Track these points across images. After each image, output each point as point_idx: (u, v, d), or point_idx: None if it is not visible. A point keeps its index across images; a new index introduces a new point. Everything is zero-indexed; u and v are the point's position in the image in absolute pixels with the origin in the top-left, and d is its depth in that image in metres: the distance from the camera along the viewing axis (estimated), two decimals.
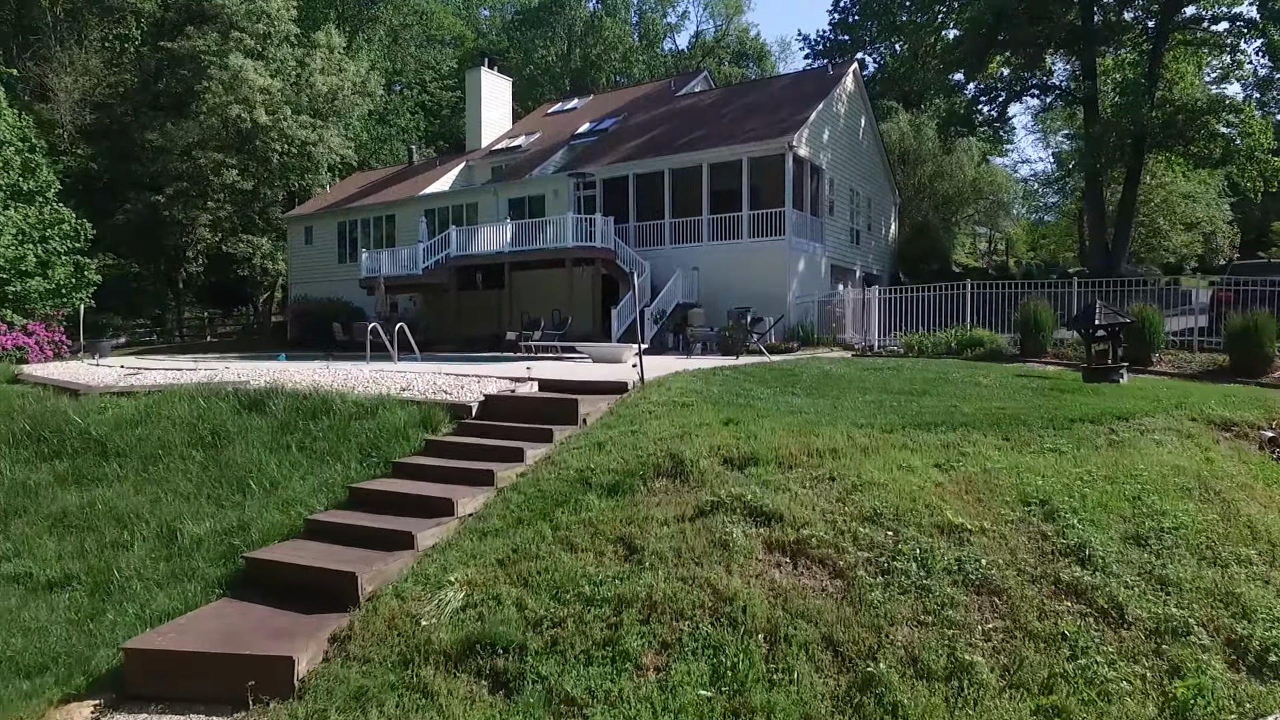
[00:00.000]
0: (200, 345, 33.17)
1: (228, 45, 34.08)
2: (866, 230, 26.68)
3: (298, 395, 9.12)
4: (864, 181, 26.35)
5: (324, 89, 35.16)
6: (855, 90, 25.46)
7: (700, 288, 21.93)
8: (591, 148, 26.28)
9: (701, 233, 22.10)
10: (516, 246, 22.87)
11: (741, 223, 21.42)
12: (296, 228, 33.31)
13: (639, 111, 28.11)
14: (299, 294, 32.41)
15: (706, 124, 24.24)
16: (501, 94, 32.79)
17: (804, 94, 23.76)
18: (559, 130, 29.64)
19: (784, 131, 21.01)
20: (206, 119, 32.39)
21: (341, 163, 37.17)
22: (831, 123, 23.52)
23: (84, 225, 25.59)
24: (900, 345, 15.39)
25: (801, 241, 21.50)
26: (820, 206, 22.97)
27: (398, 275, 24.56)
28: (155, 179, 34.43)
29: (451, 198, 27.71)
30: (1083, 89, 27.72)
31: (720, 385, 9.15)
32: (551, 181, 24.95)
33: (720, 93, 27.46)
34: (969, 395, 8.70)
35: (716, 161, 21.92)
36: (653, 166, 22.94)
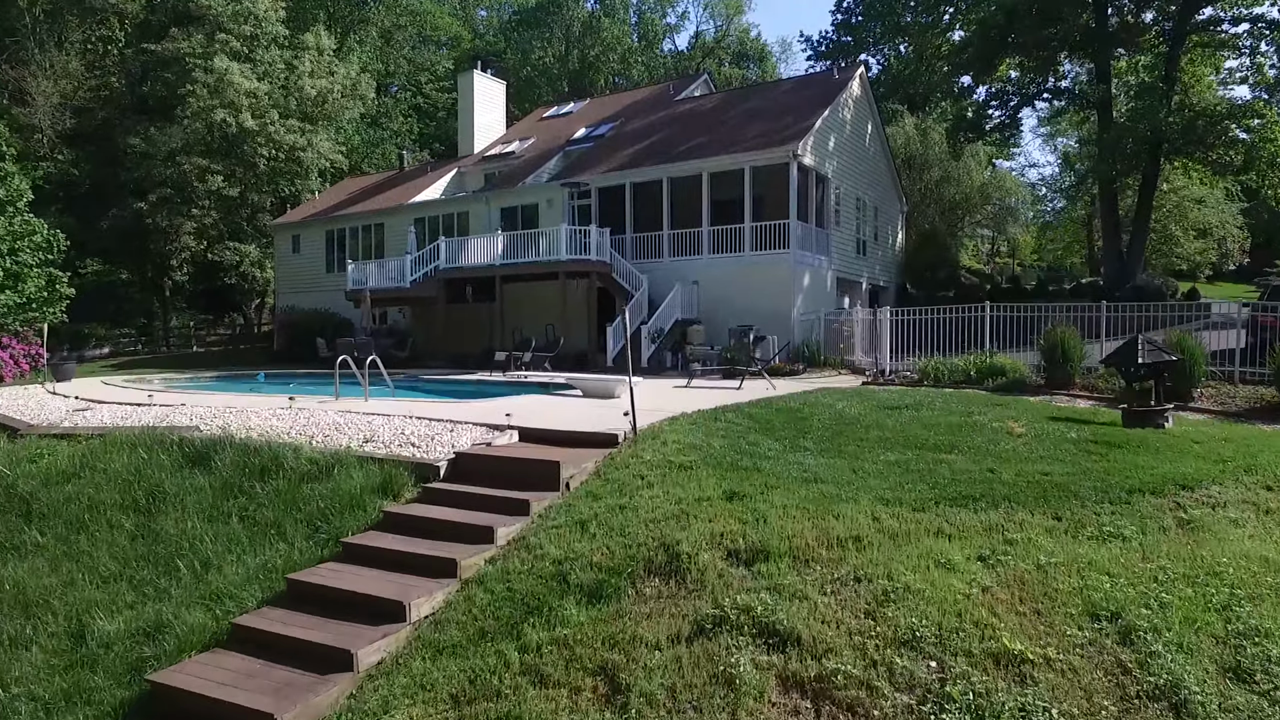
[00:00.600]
0: (185, 357, 32.15)
1: (213, 47, 33.08)
2: (873, 239, 25.67)
3: (247, 449, 8.10)
4: (870, 189, 25.34)
5: (313, 92, 34.14)
6: (861, 94, 24.45)
7: (700, 303, 20.92)
8: (587, 154, 25.26)
9: (702, 245, 21.09)
10: (508, 259, 21.86)
11: (743, 235, 20.40)
12: (284, 236, 32.29)
13: (636, 116, 27.10)
14: (286, 304, 31.42)
15: (707, 130, 23.22)
16: (495, 98, 31.78)
17: (808, 99, 22.74)
18: (554, 135, 28.63)
19: (788, 139, 20.00)
20: (190, 124, 31.38)
21: (332, 168, 36.16)
22: (837, 129, 22.51)
23: (56, 236, 24.61)
24: (915, 371, 14.38)
25: (806, 255, 20.49)
26: (826, 217, 21.96)
27: (385, 288, 23.56)
28: (139, 185, 33.42)
29: (442, 206, 26.70)
30: (1096, 93, 26.71)
31: (722, 438, 8.14)
32: (545, 190, 23.94)
33: (721, 97, 26.46)
34: (1004, 453, 7.67)
35: (717, 170, 20.91)
36: (650, 175, 21.93)
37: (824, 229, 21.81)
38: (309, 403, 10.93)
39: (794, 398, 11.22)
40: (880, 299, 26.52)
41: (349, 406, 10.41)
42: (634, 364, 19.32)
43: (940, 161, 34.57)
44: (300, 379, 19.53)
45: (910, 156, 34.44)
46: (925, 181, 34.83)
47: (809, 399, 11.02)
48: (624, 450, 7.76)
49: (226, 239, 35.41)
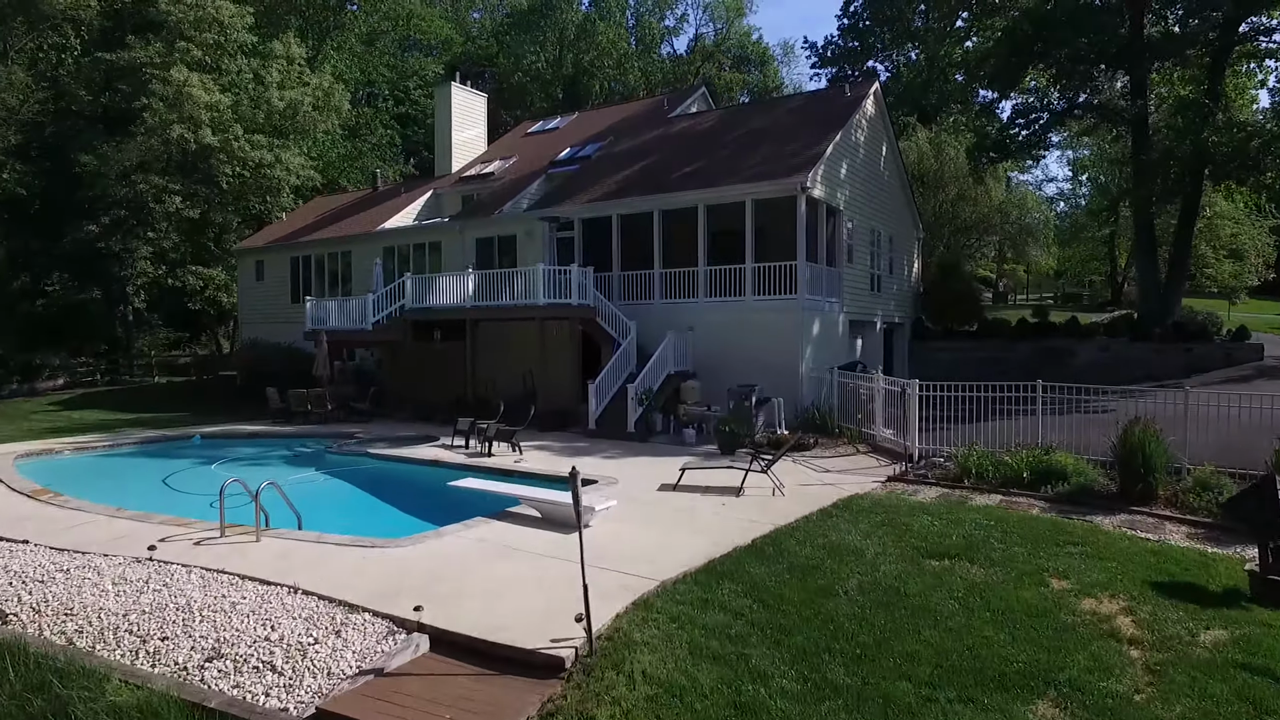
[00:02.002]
0: (140, 393, 29.68)
1: (172, 57, 30.64)
2: (888, 273, 23.21)
3: (32, 674, 5.65)
4: (886, 218, 22.89)
5: (281, 104, 31.71)
6: (876, 113, 21.99)
7: (696, 353, 18.49)
8: (571, 179, 22.82)
9: (698, 287, 18.65)
10: (480, 301, 19.42)
11: (744, 277, 17.96)
12: (247, 262, 29.89)
13: (627, 135, 24.65)
14: (250, 336, 29.01)
15: (704, 154, 20.77)
16: (475, 111, 29.34)
17: (817, 119, 20.29)
18: (537, 155, 26.19)
19: (795, 169, 17.55)
20: (145, 140, 28.94)
21: (306, 186, 33.72)
22: (850, 154, 20.06)
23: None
24: (951, 461, 11.94)
25: (816, 300, 18.05)
26: (837, 255, 19.51)
27: (345, 330, 21.14)
28: (92, 206, 31.02)
29: (412, 235, 24.27)
30: (1132, 109, 24.25)
31: (713, 663, 5.67)
32: (523, 220, 21.50)
33: (720, 115, 24.00)
34: (1128, 713, 5.21)
35: (716, 203, 18.47)
36: (640, 207, 19.49)
37: (835, 268, 19.37)
38: (181, 546, 8.47)
39: (810, 531, 8.76)
40: (895, 337, 24.08)
41: (226, 559, 7.94)
42: (618, 430, 16.92)
43: (956, 179, 32.17)
44: (239, 444, 17.15)
45: (923, 173, 32.02)
46: (939, 201, 32.44)
47: (829, 536, 8.56)
48: (572, 694, 5.30)
49: (189, 263, 32.97)
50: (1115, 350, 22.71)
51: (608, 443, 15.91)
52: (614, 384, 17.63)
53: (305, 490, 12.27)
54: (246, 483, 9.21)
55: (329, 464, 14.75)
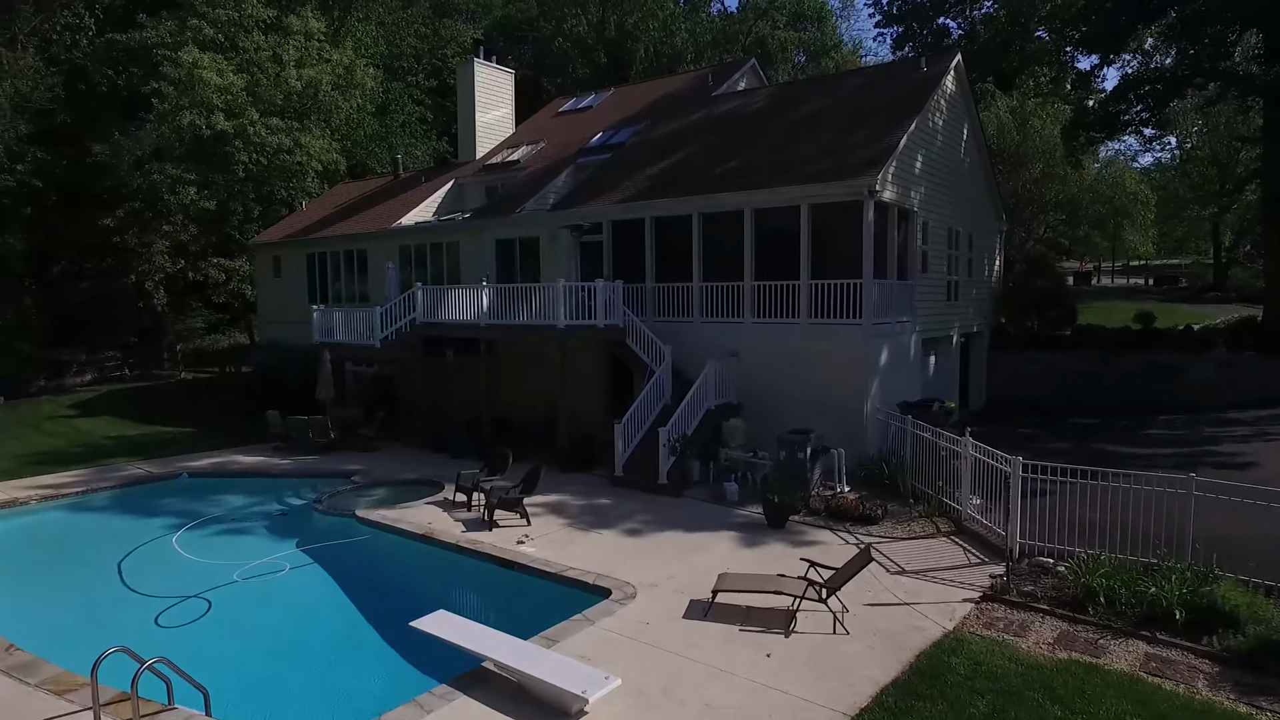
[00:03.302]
0: (164, 393, 28.55)
1: (184, 36, 28.75)
2: (967, 276, 20.08)
3: None
4: (965, 213, 19.68)
5: (299, 85, 29.61)
6: (957, 90, 18.70)
7: (741, 383, 15.93)
8: (602, 171, 20.19)
9: (743, 305, 16.00)
10: (496, 319, 17.13)
11: (799, 295, 15.24)
12: (264, 256, 28.19)
13: (666, 117, 21.81)
14: (269, 336, 27.46)
15: (753, 143, 17.90)
16: (501, 90, 26.76)
17: (887, 100, 17.17)
18: (567, 139, 23.58)
19: (861, 167, 14.62)
20: (156, 127, 27.24)
21: (329, 169, 31.74)
22: (926, 142, 16.95)
23: None
24: (1069, 571, 9.23)
25: (884, 324, 15.23)
26: (910, 265, 16.57)
27: (352, 344, 19.15)
28: (111, 197, 29.66)
29: (428, 234, 22.04)
30: (1268, 75, 20.31)
31: None
32: (547, 221, 19.03)
33: (772, 94, 20.87)
34: None
35: (765, 206, 15.70)
36: (677, 209, 16.82)
37: (908, 280, 16.45)
38: None
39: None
40: (971, 348, 21.01)
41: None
42: (649, 478, 14.55)
43: (1042, 155, 28.39)
44: (225, 487, 15.37)
45: (1003, 149, 28.33)
46: (1022, 180, 28.74)
47: None
48: None
49: (211, 254, 31.49)
50: (1239, 366, 19.30)
51: (635, 498, 13.57)
52: (646, 418, 15.24)
53: (262, 591, 10.29)
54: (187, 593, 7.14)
55: (310, 530, 12.78)
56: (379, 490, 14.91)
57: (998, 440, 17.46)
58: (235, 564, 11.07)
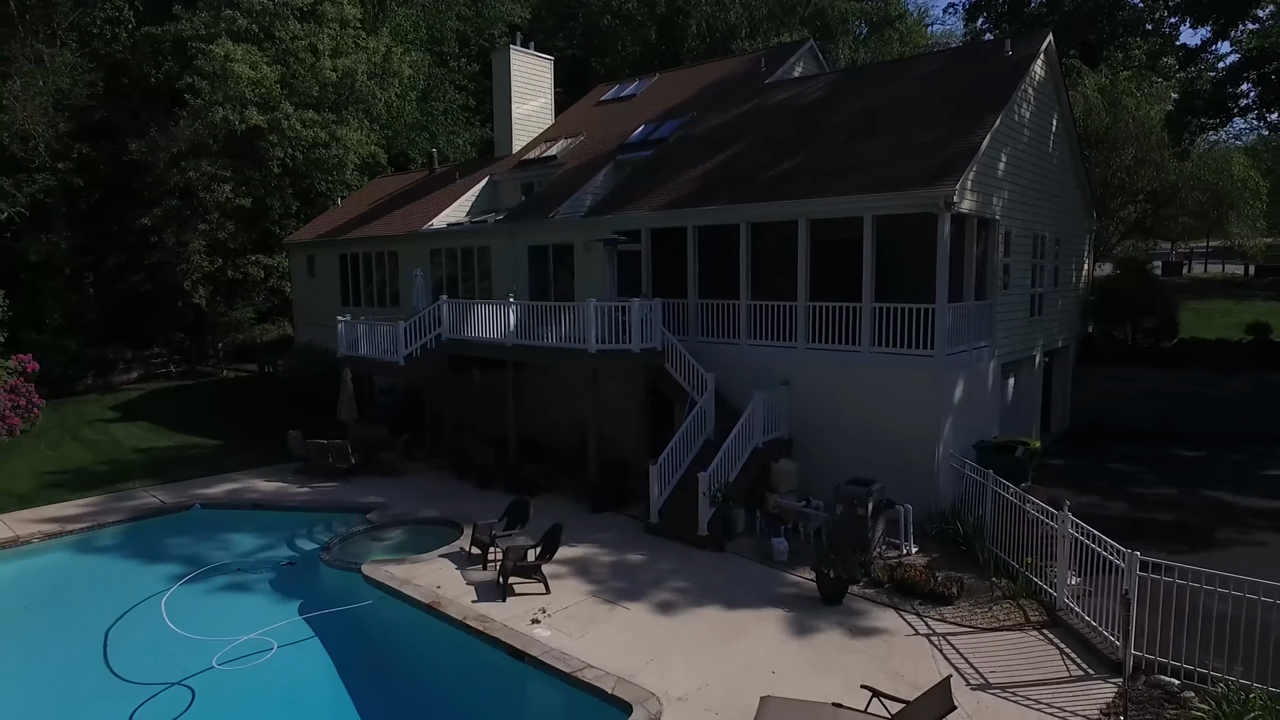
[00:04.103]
0: (203, 394, 28.20)
1: (218, 28, 27.94)
2: (1052, 286, 17.79)
3: None
4: (1052, 215, 17.37)
5: (333, 75, 28.56)
6: (1047, 76, 16.34)
7: (793, 416, 14.22)
8: (643, 169, 18.49)
9: (796, 328, 14.22)
10: (523, 339, 15.73)
11: (860, 320, 13.39)
12: (299, 255, 27.41)
13: (714, 108, 19.92)
14: (305, 338, 26.72)
15: (809, 140, 15.95)
16: (539, 78, 25.15)
17: (965, 91, 15.00)
18: (608, 132, 21.90)
19: (937, 173, 12.62)
20: (189, 123, 26.55)
21: (367, 160, 30.75)
22: (1011, 138, 14.75)
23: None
24: (1198, 698, 7.39)
25: (960, 352, 13.28)
26: (989, 282, 14.50)
27: (375, 360, 18.03)
28: (150, 194, 29.23)
29: (459, 238, 20.74)
30: None
31: None
32: (581, 228, 17.49)
33: (831, 82, 18.71)
34: None
35: (823, 217, 13.83)
36: (723, 217, 15.06)
37: (987, 299, 14.40)
38: None
39: None
40: (1054, 366, 18.77)
41: None
42: (687, 528, 13.00)
43: (1136, 139, 25.51)
44: (234, 524, 14.44)
45: (1090, 132, 25.51)
46: (1112, 168, 25.91)
47: None
48: None
49: (250, 251, 30.91)
50: None
51: (670, 553, 12.09)
52: (685, 455, 13.72)
53: (247, 679, 9.15)
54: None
55: (313, 588, 11.68)
56: (394, 532, 13.77)
57: (1086, 477, 15.41)
58: (229, 635, 10.03)
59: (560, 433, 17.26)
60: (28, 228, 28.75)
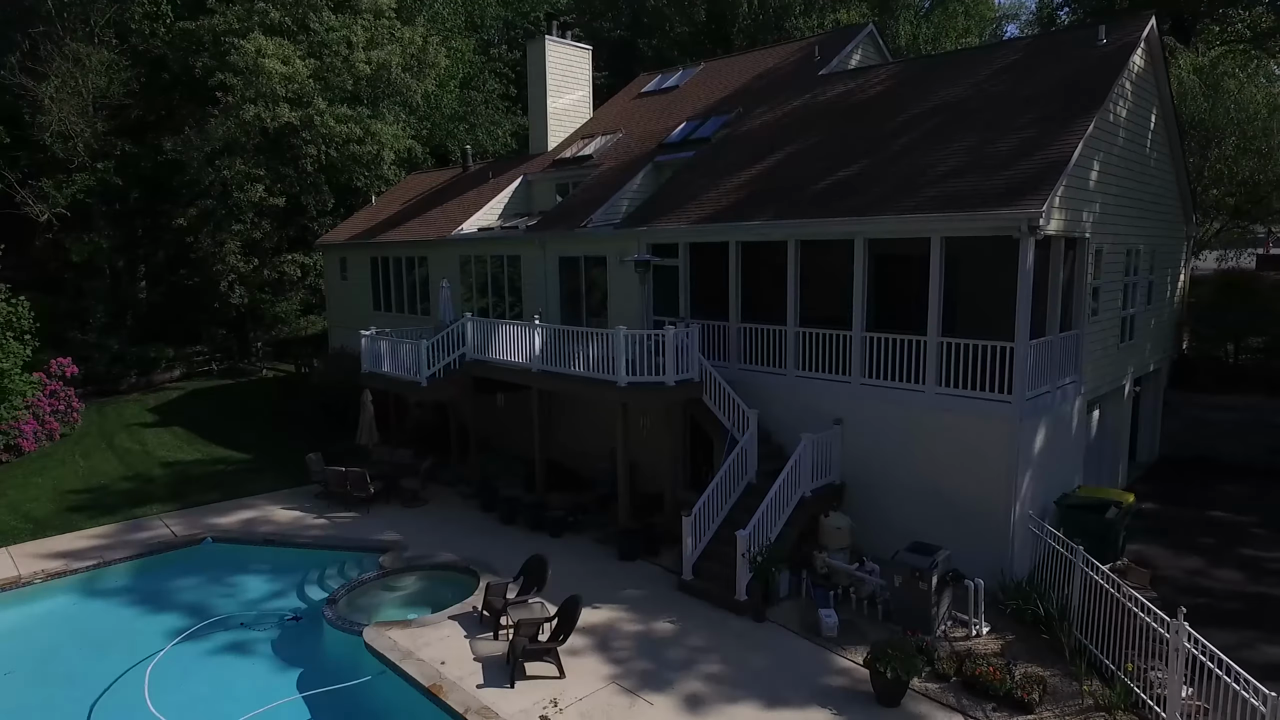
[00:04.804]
0: (240, 395, 27.91)
1: (251, 21, 27.20)
2: (1145, 304, 15.73)
3: None
4: (1147, 224, 15.26)
5: (367, 68, 27.60)
6: (1147, 66, 14.21)
7: (845, 458, 12.70)
8: (683, 173, 16.97)
9: (850, 360, 12.65)
10: (548, 365, 14.50)
11: (925, 355, 11.75)
12: (332, 257, 26.70)
13: (762, 103, 18.23)
14: (338, 342, 26.09)
15: (867, 144, 14.20)
16: (577, 70, 23.69)
17: (1051, 86, 13.03)
18: (647, 130, 20.40)
19: (1019, 190, 10.84)
20: (221, 122, 25.93)
21: (400, 157, 29.81)
22: (1105, 142, 12.78)
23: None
24: None
25: (1042, 395, 11.54)
26: (1077, 309, 12.64)
27: (397, 378, 17.06)
28: (186, 194, 28.88)
29: (489, 244, 19.57)
30: None
31: None
32: (614, 239, 16.11)
33: (893, 74, 16.72)
34: None
35: (883, 236, 12.18)
36: (769, 233, 13.51)
37: (1074, 330, 12.57)
38: None
39: None
40: (1145, 391, 16.72)
41: None
42: (724, 590, 11.63)
43: (1239, 125, 22.79)
44: (244, 563, 13.64)
45: (1187, 119, 22.85)
46: (1210, 160, 23.24)
47: None
48: None
49: (286, 250, 30.40)
50: None
51: (704, 623, 10.77)
52: (724, 502, 12.38)
53: None
54: None
55: (314, 653, 10.74)
56: (407, 579, 12.77)
57: (1185, 530, 13.31)
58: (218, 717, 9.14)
59: (593, 456, 16.08)
60: (70, 227, 28.69)
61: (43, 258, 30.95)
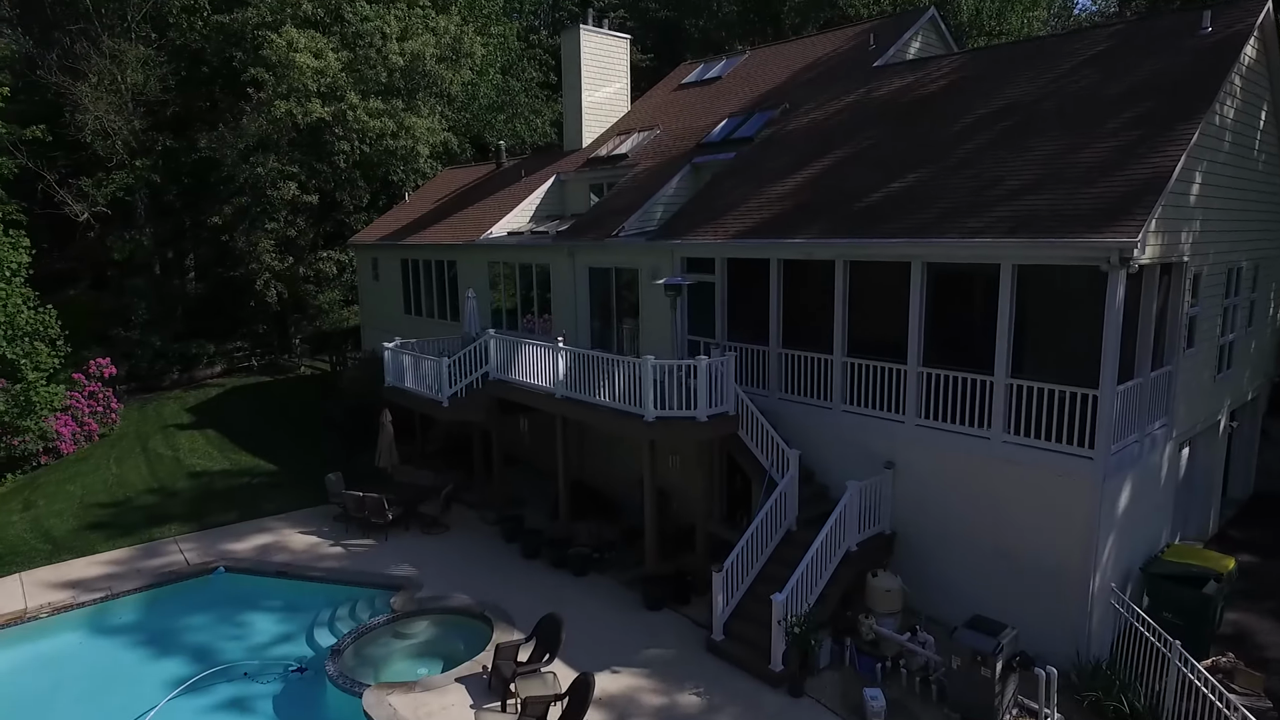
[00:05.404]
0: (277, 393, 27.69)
1: (284, 14, 26.59)
2: (1245, 327, 13.89)
3: None
4: (1251, 236, 13.37)
5: (400, 61, 26.77)
6: (1259, 57, 12.30)
7: (897, 505, 11.41)
8: (722, 177, 15.64)
9: (905, 398, 11.30)
10: (571, 391, 13.46)
11: (991, 398, 10.34)
12: (364, 256, 26.11)
13: (810, 98, 16.73)
14: (370, 344, 25.54)
15: (927, 153, 12.67)
16: (614, 61, 22.40)
17: (1145, 83, 11.31)
18: (687, 124, 19.08)
19: (1110, 214, 9.30)
20: (253, 118, 25.45)
21: (434, 150, 29.04)
22: (1210, 150, 11.05)
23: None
24: None
25: (1128, 446, 10.04)
26: (1170, 344, 11.04)
27: (418, 394, 16.29)
28: (221, 191, 28.61)
29: (517, 252, 18.59)
30: None
31: None
32: (646, 252, 14.93)
33: (957, 67, 14.99)
34: None
35: (945, 260, 10.75)
36: (814, 252, 12.17)
37: (1166, 367, 10.98)
38: None
39: None
40: (1241, 421, 14.89)
41: None
42: (757, 658, 10.50)
43: None
44: (254, 599, 13.04)
45: None
46: None
47: None
48: None
49: (322, 247, 29.98)
50: None
51: (732, 697, 9.68)
52: (760, 552, 11.24)
53: None
54: None
55: (316, 713, 10.00)
56: (417, 626, 11.96)
57: None
58: None
59: (624, 479, 15.05)
60: (111, 224, 28.72)
61: (85, 254, 31.19)
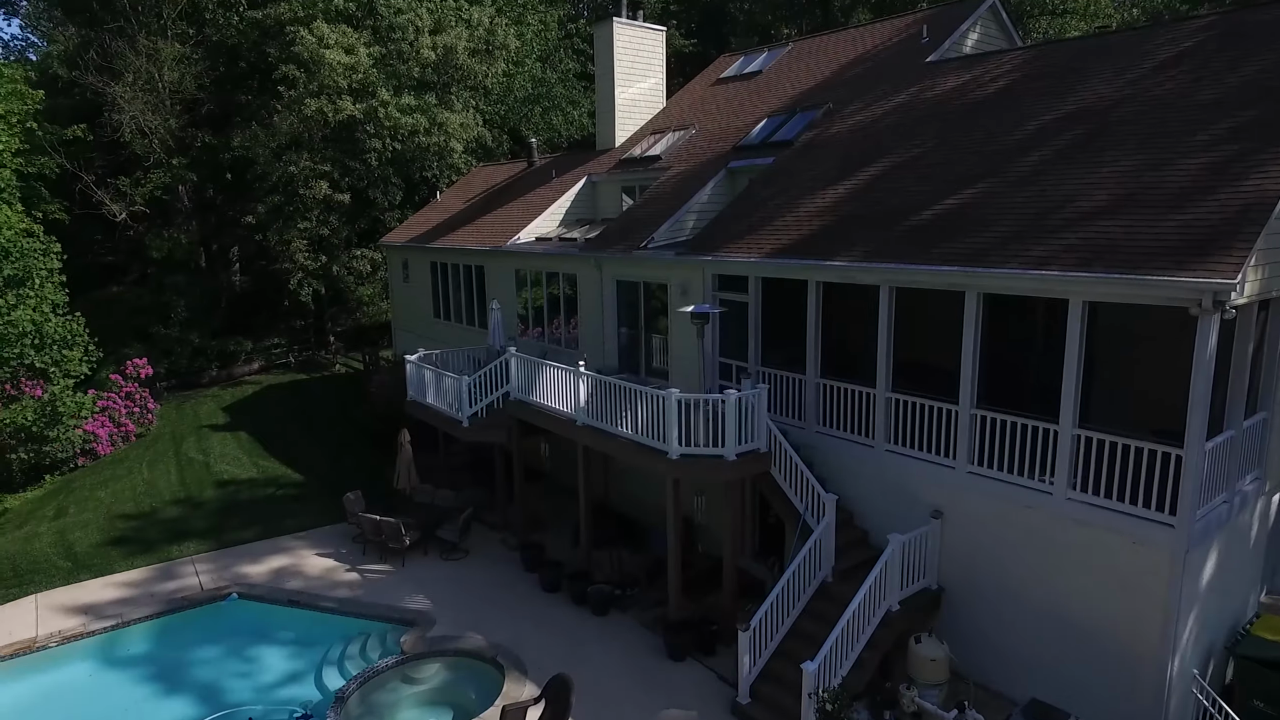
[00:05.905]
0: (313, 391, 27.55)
1: (316, 8, 26.14)
2: None
3: None
4: None
5: (431, 55, 26.11)
6: None
7: (944, 558, 10.35)
8: (760, 184, 14.57)
9: (956, 441, 10.19)
10: (593, 419, 12.64)
11: (1056, 448, 9.18)
12: (394, 259, 25.68)
13: (856, 97, 15.49)
14: (402, 347, 25.14)
15: (985, 163, 11.41)
16: (649, 55, 21.33)
17: (1243, 87, 9.88)
18: (724, 123, 17.99)
19: (1199, 247, 8.05)
20: (284, 116, 25.10)
21: (467, 147, 28.38)
22: None
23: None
24: None
25: (1215, 510, 8.80)
26: (1265, 387, 9.70)
27: (439, 412, 15.71)
28: (255, 189, 28.45)
29: (543, 260, 17.80)
30: None
31: None
32: (677, 268, 13.99)
33: (1021, 63, 13.52)
34: None
35: (1000, 292, 9.58)
36: (856, 276, 11.09)
37: (1260, 411, 9.66)
38: None
39: None
40: None
41: None
42: None
43: None
44: (265, 630, 12.62)
45: None
46: None
47: None
48: None
49: (355, 245, 29.67)
50: None
51: None
52: (792, 604, 10.33)
53: None
54: None
55: None
56: (428, 670, 11.36)
57: None
58: None
59: (652, 504, 14.19)
60: (149, 222, 28.84)
61: (126, 251, 31.48)
